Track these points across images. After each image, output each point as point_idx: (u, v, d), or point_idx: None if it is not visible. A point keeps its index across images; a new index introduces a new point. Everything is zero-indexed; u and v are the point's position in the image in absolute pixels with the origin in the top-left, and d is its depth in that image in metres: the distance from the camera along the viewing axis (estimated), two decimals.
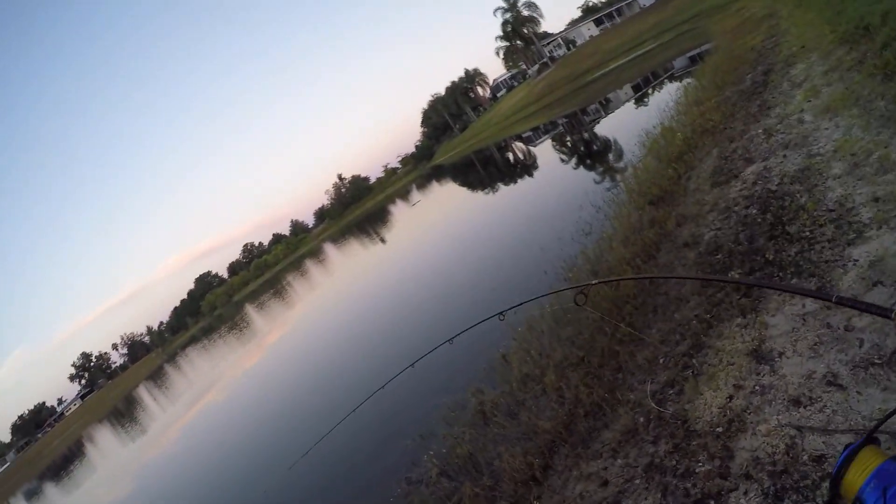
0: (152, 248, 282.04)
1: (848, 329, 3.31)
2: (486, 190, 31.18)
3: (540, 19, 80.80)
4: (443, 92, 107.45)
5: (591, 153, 20.52)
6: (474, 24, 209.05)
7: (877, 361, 2.97)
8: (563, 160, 23.62)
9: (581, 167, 18.83)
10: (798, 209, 4.88)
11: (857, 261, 3.82)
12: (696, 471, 3.21)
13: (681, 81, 18.57)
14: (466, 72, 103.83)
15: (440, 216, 34.38)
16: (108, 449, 42.91)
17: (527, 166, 31.60)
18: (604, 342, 5.27)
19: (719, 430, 3.34)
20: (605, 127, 24.12)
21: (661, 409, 3.86)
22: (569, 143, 28.35)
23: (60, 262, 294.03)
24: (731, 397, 3.51)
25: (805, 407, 3.03)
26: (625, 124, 18.66)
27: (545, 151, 31.98)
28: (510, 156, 44.39)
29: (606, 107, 31.18)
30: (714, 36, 22.15)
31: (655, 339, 4.69)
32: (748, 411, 3.30)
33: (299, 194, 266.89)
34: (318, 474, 8.71)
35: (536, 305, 7.56)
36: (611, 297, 5.87)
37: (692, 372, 3.99)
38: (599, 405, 4.48)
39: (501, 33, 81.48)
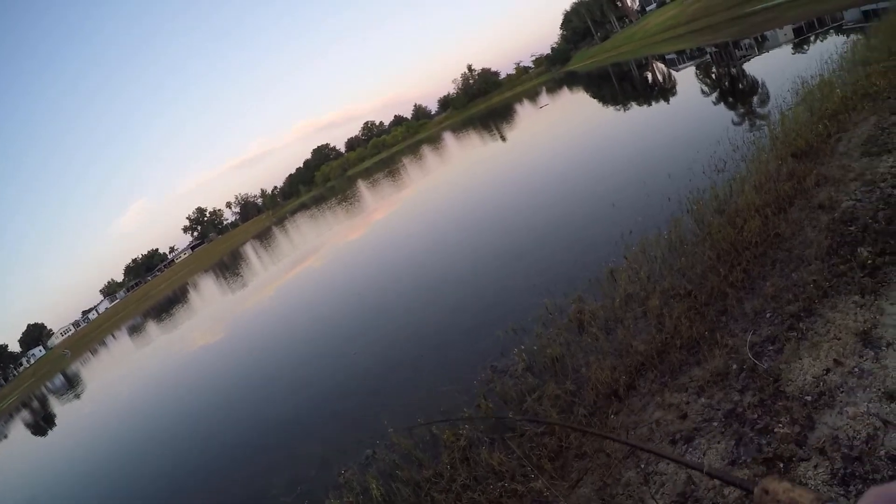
0: (282, 113, 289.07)
1: None
2: (618, 106, 29.95)
3: None
4: None
5: (736, 91, 19.11)
6: None
7: None
8: (704, 92, 22.21)
9: (723, 103, 17.79)
10: None
11: None
12: (775, 430, 3.33)
13: (848, 36, 16.86)
14: None
15: (566, 124, 33.59)
16: (207, 296, 46.91)
17: (665, 90, 29.73)
18: (715, 281, 5.36)
19: (808, 398, 3.43)
20: (756, 66, 22.24)
21: (757, 363, 3.98)
22: (714, 75, 26.39)
23: (192, 118, 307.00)
24: (828, 370, 3.57)
25: None
26: (778, 67, 17.24)
27: (687, 78, 30.12)
28: (649, 75, 42.27)
29: (761, 44, 28.65)
30: None
31: (768, 292, 4.73)
32: (841, 389, 3.36)
33: (425, 80, 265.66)
34: (412, 344, 9.37)
35: (654, 229, 7.67)
36: (732, 238, 5.89)
37: (797, 334, 4.05)
38: (696, 341, 4.65)
39: None
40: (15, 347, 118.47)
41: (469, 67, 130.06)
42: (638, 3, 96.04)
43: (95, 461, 14.05)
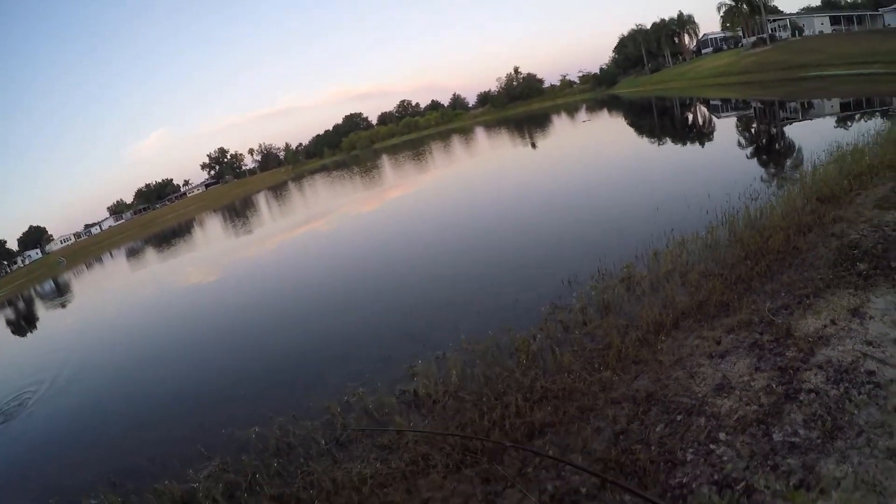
0: (319, 72, 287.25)
1: None
2: (655, 139, 31.53)
3: None
4: (648, 25, 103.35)
5: (772, 150, 20.59)
6: None
7: None
8: (741, 144, 23.85)
9: (755, 158, 19.42)
10: None
11: None
12: (785, 353, 4.96)
13: (891, 119, 18.45)
14: (680, 15, 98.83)
15: (602, 140, 34.99)
16: (211, 236, 47.90)
17: (702, 133, 31.20)
18: (742, 270, 7.05)
19: (810, 339, 5.06)
20: (796, 130, 23.65)
21: (773, 318, 5.64)
22: (753, 130, 27.78)
23: (226, 59, 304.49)
24: (825, 326, 5.21)
25: (874, 346, 4.67)
26: (818, 132, 18.86)
27: (726, 127, 31.65)
28: (690, 115, 43.73)
29: (807, 110, 30.05)
30: None
31: (784, 281, 6.41)
32: (835, 336, 4.98)
33: (468, 72, 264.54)
34: (475, 288, 10.84)
35: (692, 231, 9.36)
36: (759, 244, 7.59)
37: (804, 306, 5.70)
38: (726, 303, 6.32)
39: None
40: (13, 245, 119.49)
41: (516, 69, 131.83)
42: (695, 44, 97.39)
43: (64, 373, 14.35)
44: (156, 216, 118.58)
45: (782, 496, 3.26)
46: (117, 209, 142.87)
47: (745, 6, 76.18)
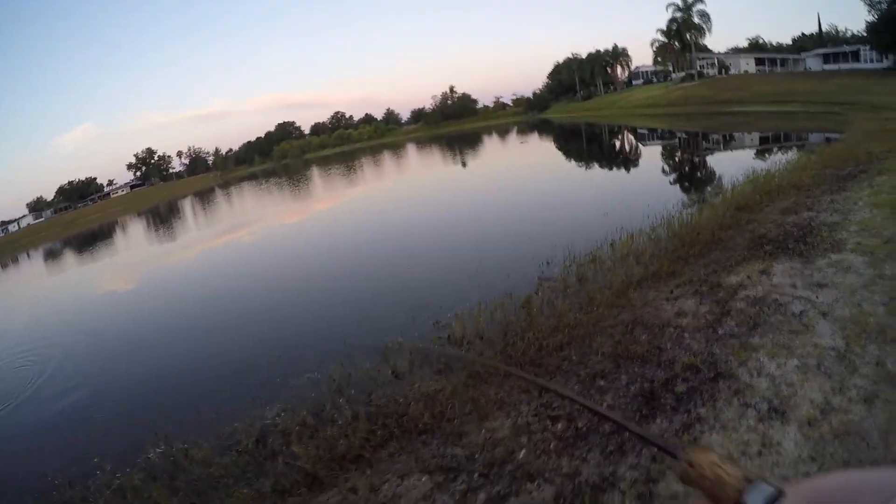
0: (253, 78, 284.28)
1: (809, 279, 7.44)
2: (583, 162, 34.41)
3: (706, 32, 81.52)
4: (583, 55, 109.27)
5: (693, 177, 23.42)
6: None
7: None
8: (664, 170, 26.83)
9: (684, 180, 22.44)
10: (817, 233, 8.95)
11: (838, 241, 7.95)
12: (718, 294, 7.34)
13: (800, 151, 21.35)
14: (615, 47, 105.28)
15: (534, 160, 37.89)
16: (133, 240, 48.04)
17: (628, 160, 34.23)
18: (680, 252, 9.59)
19: (734, 286, 7.48)
20: (717, 160, 26.82)
21: (707, 277, 8.07)
22: (677, 159, 30.85)
23: (158, 54, 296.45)
24: (743, 280, 7.65)
25: (776, 288, 7.12)
26: (736, 161, 22.00)
27: (652, 154, 34.73)
28: (617, 142, 47.05)
29: (728, 143, 33.44)
30: (850, 129, 24.01)
31: (712, 259, 8.93)
32: (750, 285, 7.40)
33: (402, 87, 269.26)
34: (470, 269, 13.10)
35: (637, 229, 11.85)
36: (691, 237, 10.17)
37: (728, 270, 8.19)
38: (673, 272, 8.73)
39: (665, 29, 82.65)
40: None
41: (451, 88, 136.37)
42: (627, 75, 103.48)
43: None
44: (78, 216, 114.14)
45: (732, 355, 5.57)
46: (37, 206, 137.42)
47: (676, 43, 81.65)
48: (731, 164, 20.66)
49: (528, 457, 4.80)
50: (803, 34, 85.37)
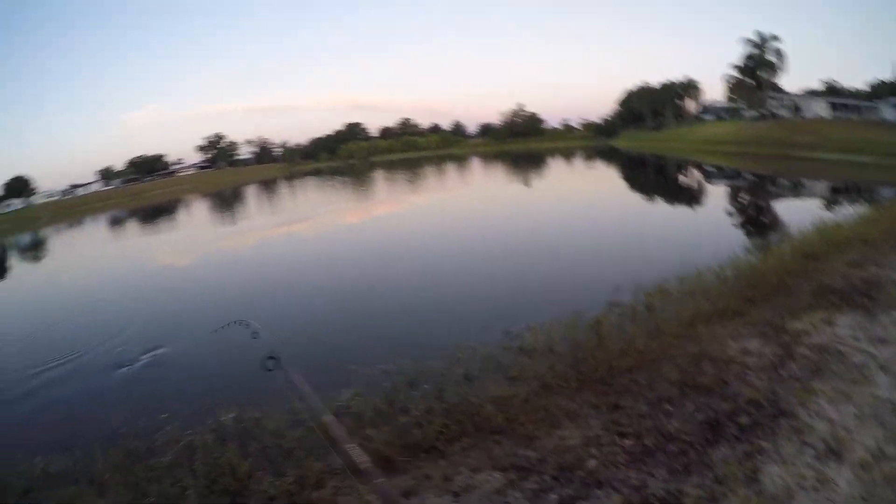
0: (324, 75, 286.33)
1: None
2: (651, 195, 34.53)
3: (780, 71, 79.45)
4: (653, 83, 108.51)
5: (761, 220, 23.28)
6: (715, 33, 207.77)
7: None
8: (742, 209, 26.88)
9: (748, 227, 22.31)
10: (883, 289, 9.19)
11: None
12: (783, 338, 7.69)
13: (871, 205, 21.01)
14: (689, 80, 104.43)
15: (600, 187, 38.27)
16: (195, 220, 49.87)
17: (693, 196, 34.24)
18: (748, 294, 9.94)
19: (798, 332, 7.82)
20: (786, 206, 26.60)
21: (771, 319, 8.42)
22: (743, 200, 30.58)
23: (232, 42, 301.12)
24: (807, 327, 7.98)
25: (838, 339, 7.47)
26: (802, 210, 21.90)
27: (717, 193, 34.52)
28: (682, 177, 46.66)
29: (796, 189, 32.91)
30: None
31: (779, 303, 9.28)
32: (814, 333, 7.69)
33: (471, 100, 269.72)
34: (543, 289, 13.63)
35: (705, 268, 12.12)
36: (759, 280, 10.47)
37: (793, 315, 8.49)
38: (741, 312, 9.12)
39: (740, 65, 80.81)
40: None
41: (520, 106, 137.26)
42: (698, 108, 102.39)
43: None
44: (144, 189, 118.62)
45: (793, 395, 6.00)
46: (106, 175, 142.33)
47: (750, 80, 79.80)
48: (800, 211, 20.70)
49: (597, 466, 5.30)
50: (881, 82, 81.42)
